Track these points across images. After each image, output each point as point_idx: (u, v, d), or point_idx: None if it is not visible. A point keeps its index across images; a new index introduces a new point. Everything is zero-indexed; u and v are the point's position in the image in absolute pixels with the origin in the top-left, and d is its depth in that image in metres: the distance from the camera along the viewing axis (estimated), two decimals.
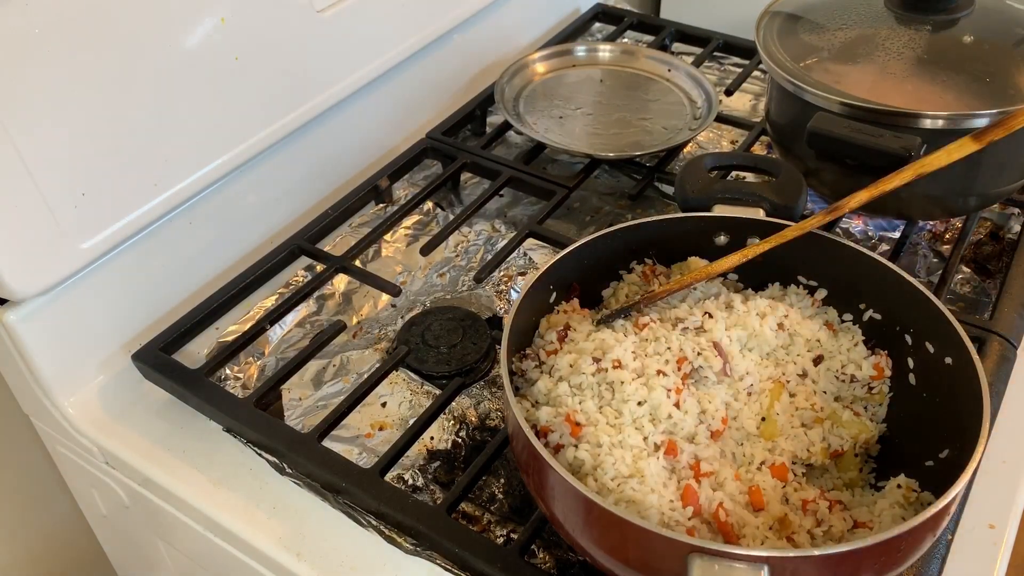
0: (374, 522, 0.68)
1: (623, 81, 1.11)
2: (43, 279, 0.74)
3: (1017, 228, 0.93)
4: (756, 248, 0.71)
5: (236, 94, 0.84)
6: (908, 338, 0.69)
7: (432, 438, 0.76)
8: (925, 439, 0.65)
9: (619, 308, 0.73)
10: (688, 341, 0.68)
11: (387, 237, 0.96)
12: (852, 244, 0.72)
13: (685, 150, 1.07)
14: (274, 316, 0.85)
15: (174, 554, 0.87)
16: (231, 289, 0.85)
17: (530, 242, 0.91)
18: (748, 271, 0.76)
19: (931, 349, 0.67)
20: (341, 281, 0.91)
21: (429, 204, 1.00)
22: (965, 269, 0.90)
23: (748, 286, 0.77)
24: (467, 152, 1.02)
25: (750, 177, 0.97)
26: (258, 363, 0.84)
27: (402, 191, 1.01)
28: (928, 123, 0.78)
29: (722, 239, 0.76)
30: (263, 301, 0.88)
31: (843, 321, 0.73)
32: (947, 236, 0.94)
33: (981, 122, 0.78)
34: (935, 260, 0.91)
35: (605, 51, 1.14)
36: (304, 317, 0.88)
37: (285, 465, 0.73)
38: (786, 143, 0.91)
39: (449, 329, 0.83)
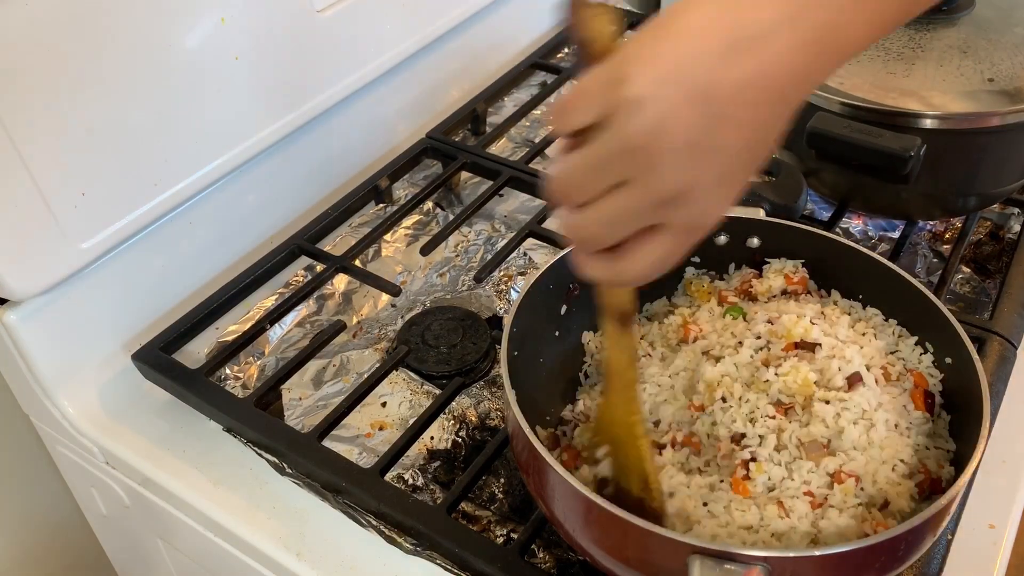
0: (374, 522, 0.68)
1: None
2: (43, 279, 0.74)
3: (1017, 228, 0.93)
4: None
5: (236, 94, 0.84)
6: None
7: (432, 438, 0.76)
8: None
9: None
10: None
11: (387, 237, 0.96)
12: (852, 244, 0.72)
13: None
14: (274, 316, 0.85)
15: (174, 554, 0.87)
16: (231, 289, 0.85)
17: (530, 242, 0.91)
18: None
19: (931, 349, 0.67)
20: (341, 281, 0.91)
21: (429, 204, 1.00)
22: (965, 269, 0.90)
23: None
24: (467, 152, 1.02)
25: None
26: (258, 363, 0.84)
27: (402, 191, 1.01)
28: (928, 123, 0.78)
29: (722, 239, 0.76)
30: (263, 301, 0.88)
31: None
32: (947, 236, 0.94)
33: (981, 122, 0.78)
34: (935, 260, 0.91)
35: None
36: (304, 317, 0.88)
37: (285, 465, 0.73)
38: (786, 143, 0.91)
39: (449, 329, 0.83)
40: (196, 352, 0.84)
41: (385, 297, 0.90)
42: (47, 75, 0.69)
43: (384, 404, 0.80)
